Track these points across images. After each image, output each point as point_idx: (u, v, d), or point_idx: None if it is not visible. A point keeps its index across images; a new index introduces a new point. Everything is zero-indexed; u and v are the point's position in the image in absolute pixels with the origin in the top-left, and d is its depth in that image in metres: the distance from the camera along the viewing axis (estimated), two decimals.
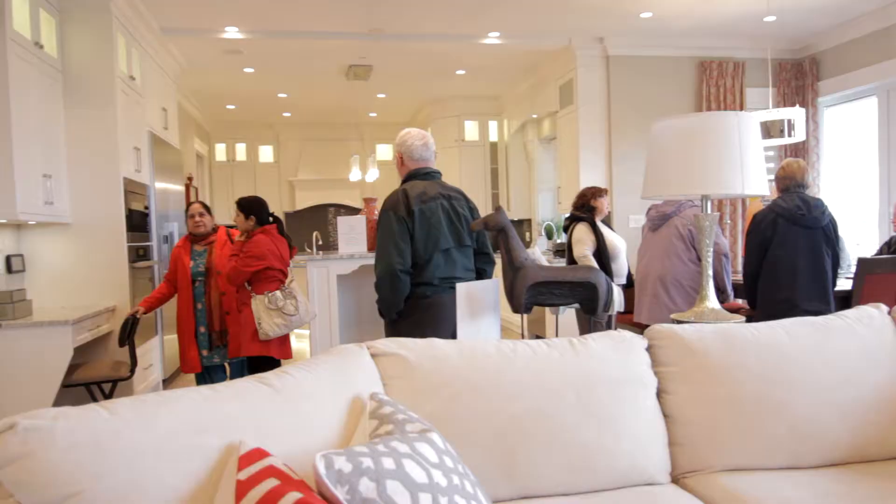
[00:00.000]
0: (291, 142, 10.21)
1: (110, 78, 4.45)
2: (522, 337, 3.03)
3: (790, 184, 3.65)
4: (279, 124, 10.04)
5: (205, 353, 3.98)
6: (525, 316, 3.06)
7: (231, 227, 4.22)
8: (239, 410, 1.26)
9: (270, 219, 3.96)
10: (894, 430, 1.87)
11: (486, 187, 8.76)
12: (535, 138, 8.32)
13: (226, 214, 9.83)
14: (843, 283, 4.10)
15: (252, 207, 3.91)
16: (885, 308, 2.08)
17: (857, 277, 3.87)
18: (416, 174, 2.94)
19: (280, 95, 8.16)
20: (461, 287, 2.81)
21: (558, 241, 7.18)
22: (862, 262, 3.90)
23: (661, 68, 6.26)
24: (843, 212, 5.90)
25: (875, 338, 1.96)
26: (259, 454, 1.12)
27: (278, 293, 3.80)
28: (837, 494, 1.63)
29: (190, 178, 7.55)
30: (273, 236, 3.90)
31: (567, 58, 6.35)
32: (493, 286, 3.04)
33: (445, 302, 2.80)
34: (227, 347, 3.97)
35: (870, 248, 5.56)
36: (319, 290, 4.96)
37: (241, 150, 10.09)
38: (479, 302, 2.90)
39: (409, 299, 2.82)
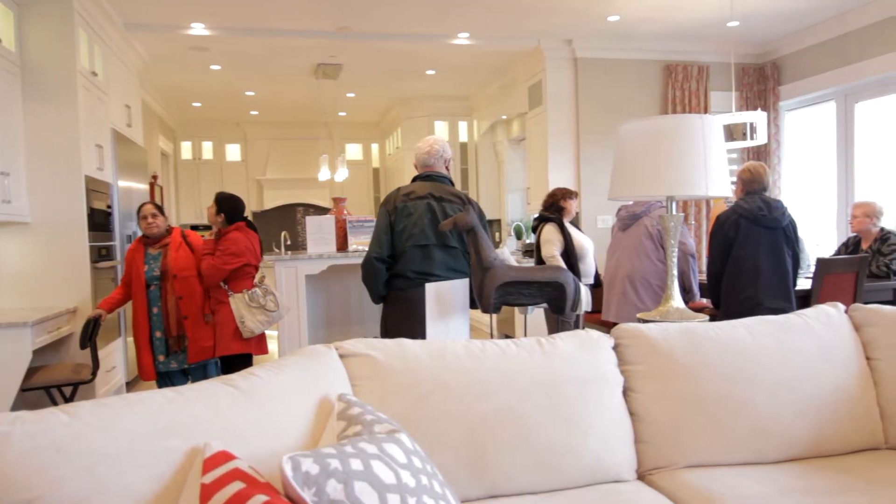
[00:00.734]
0: (259, 140, 10.09)
1: (71, 73, 4.34)
2: (492, 337, 3.04)
3: (757, 186, 3.73)
4: (247, 122, 9.91)
5: (161, 358, 3.89)
6: (494, 316, 3.08)
7: (196, 227, 4.16)
8: (204, 413, 1.24)
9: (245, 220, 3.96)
10: (851, 426, 1.93)
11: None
12: (504, 139, 8.37)
13: (192, 214, 9.69)
14: (803, 283, 4.21)
15: (225, 203, 3.90)
16: (841, 307, 2.14)
17: (816, 277, 3.98)
18: (419, 177, 3.25)
19: (247, 93, 8.05)
20: (430, 287, 2.82)
21: (528, 241, 7.23)
22: (821, 263, 4.01)
23: (628, 71, 6.35)
24: (802, 213, 6.06)
25: (832, 336, 2.02)
26: (224, 457, 1.10)
27: (258, 290, 3.81)
28: (798, 489, 1.67)
29: (154, 177, 7.41)
30: (246, 232, 3.90)
31: (536, 59, 6.40)
32: (463, 286, 3.05)
33: (418, 296, 2.96)
34: (186, 353, 3.90)
35: (828, 249, 5.72)
36: (288, 291, 4.92)
37: (207, 149, 9.94)
38: (449, 302, 2.91)
39: (390, 290, 3.09)
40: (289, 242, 5.86)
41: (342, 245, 5.30)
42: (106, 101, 5.04)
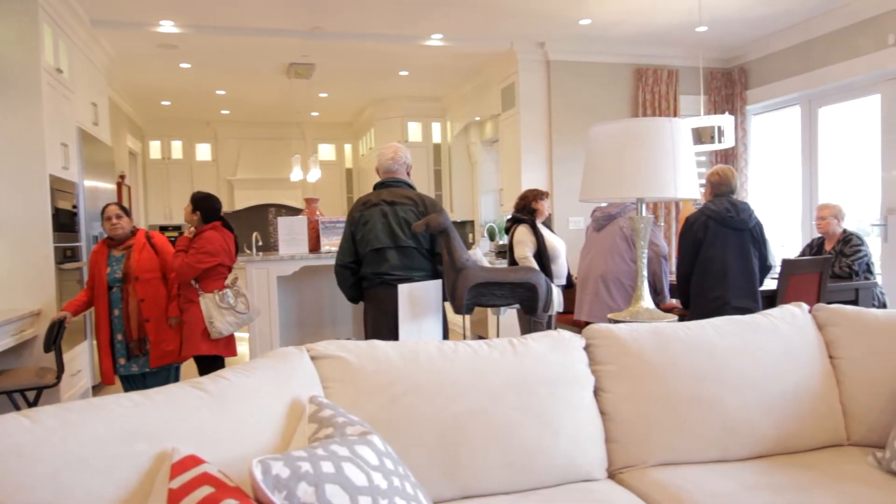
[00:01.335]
0: (230, 140, 9.97)
1: (35, 70, 4.24)
2: (464, 337, 3.05)
3: (725, 189, 3.81)
4: (217, 122, 9.78)
5: (122, 361, 3.82)
6: (467, 316, 3.09)
7: (164, 228, 4.11)
8: (171, 416, 1.23)
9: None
10: (814, 423, 1.98)
11: (429, 189, 8.77)
12: (477, 140, 8.39)
13: (161, 215, 9.53)
14: (769, 283, 4.30)
15: (201, 202, 3.87)
16: (805, 307, 2.19)
17: (782, 278, 4.07)
18: (379, 184, 3.41)
19: (218, 92, 7.95)
20: (403, 288, 2.82)
21: (501, 242, 7.26)
22: (786, 264, 4.10)
23: (599, 74, 6.41)
24: (768, 215, 6.19)
25: (797, 335, 2.06)
26: (193, 461, 1.09)
27: (229, 292, 3.78)
28: (763, 485, 1.70)
29: (122, 177, 7.27)
30: (222, 232, 3.86)
31: (509, 61, 6.43)
32: (435, 287, 3.06)
33: (379, 294, 3.24)
34: (148, 356, 3.83)
35: (793, 250, 5.85)
36: (259, 292, 4.87)
37: (176, 148, 9.78)
38: (421, 303, 2.91)
39: (362, 291, 3.37)
40: (260, 243, 5.80)
41: (314, 246, 5.27)
42: (71, 99, 4.94)
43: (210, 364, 3.77)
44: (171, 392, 1.30)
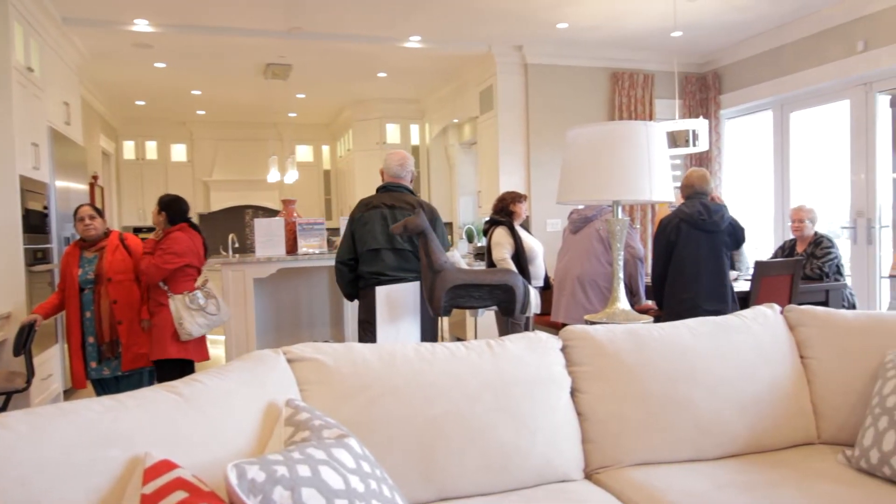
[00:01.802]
0: (206, 141, 9.86)
1: (5, 69, 4.15)
2: (442, 339, 3.05)
3: (690, 192, 3.88)
4: (193, 122, 9.67)
5: (93, 364, 3.75)
6: (445, 318, 3.09)
7: (138, 230, 4.05)
8: (144, 421, 1.21)
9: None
10: (786, 422, 2.01)
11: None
12: (456, 142, 8.41)
13: (135, 216, 9.40)
14: (742, 285, 4.37)
15: (168, 204, 3.82)
16: (777, 308, 2.23)
17: (754, 279, 4.14)
18: (382, 187, 3.59)
19: (194, 92, 7.86)
20: (381, 290, 2.82)
21: (479, 244, 7.28)
22: (758, 265, 4.17)
23: (576, 77, 6.47)
24: (741, 217, 6.27)
25: (769, 336, 2.10)
26: (166, 466, 1.08)
27: (199, 293, 3.73)
28: (736, 484, 1.73)
29: (95, 177, 7.15)
30: (189, 233, 3.81)
31: (487, 64, 6.45)
32: (413, 289, 3.06)
33: (374, 292, 3.35)
34: (121, 359, 3.77)
35: (766, 252, 5.95)
36: (235, 294, 4.82)
37: (151, 149, 9.65)
38: (399, 305, 2.91)
39: (358, 289, 3.50)
40: (236, 245, 5.74)
41: (292, 248, 5.23)
42: (42, 98, 4.84)
43: (174, 369, 3.70)
44: (144, 396, 1.28)
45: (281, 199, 6.19)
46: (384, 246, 3.38)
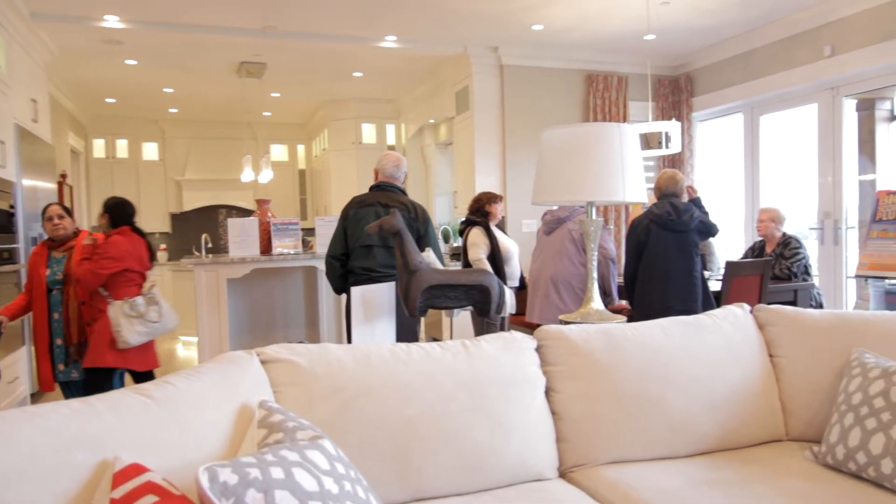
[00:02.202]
0: (178, 139, 9.71)
1: None
2: (418, 339, 3.05)
3: (660, 193, 3.94)
4: (165, 120, 9.53)
5: (61, 367, 3.66)
6: (422, 319, 3.09)
7: (97, 229, 3.95)
8: (114, 424, 1.19)
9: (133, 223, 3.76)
10: (755, 420, 2.05)
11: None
12: (432, 143, 8.40)
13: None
14: (713, 285, 4.44)
15: (112, 207, 3.70)
16: (747, 307, 2.27)
17: (725, 279, 4.20)
18: (376, 186, 3.67)
19: (166, 90, 7.75)
20: (356, 290, 2.80)
21: (455, 244, 7.29)
22: (729, 265, 4.24)
23: (551, 79, 6.51)
24: (712, 218, 6.37)
25: (739, 335, 2.13)
26: (136, 470, 1.06)
27: (140, 299, 3.56)
28: (706, 480, 1.76)
29: (63, 176, 7.01)
30: (130, 237, 3.67)
31: (463, 64, 6.46)
32: (389, 290, 3.05)
33: (381, 285, 3.41)
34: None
35: (737, 253, 6.05)
36: (208, 295, 4.76)
37: (122, 147, 9.48)
38: (374, 305, 2.90)
39: (348, 285, 3.52)
40: (210, 245, 5.68)
41: (266, 248, 5.18)
42: (9, 95, 4.73)
43: (108, 378, 3.57)
44: (113, 399, 1.26)
45: (255, 199, 6.13)
46: (377, 243, 3.47)
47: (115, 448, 1.15)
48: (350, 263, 3.54)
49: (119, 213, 3.71)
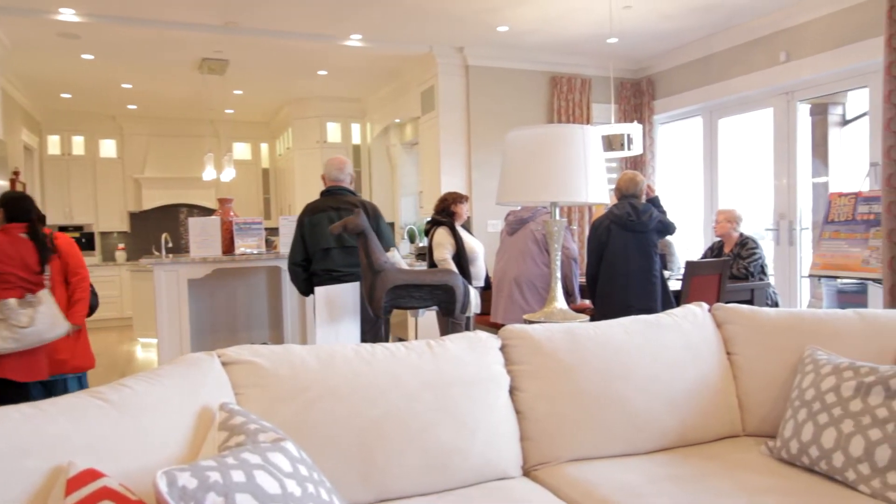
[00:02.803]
0: (137, 136, 9.49)
1: None
2: (386, 339, 3.04)
3: (620, 194, 4.02)
4: (123, 117, 9.30)
5: None
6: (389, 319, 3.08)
7: (64, 228, 3.82)
8: (67, 429, 1.15)
9: (31, 219, 3.53)
10: (713, 416, 2.09)
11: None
12: (397, 142, 8.38)
13: (60, 214, 8.97)
14: (674, 284, 4.53)
15: (6, 202, 3.50)
16: (706, 306, 2.32)
17: (685, 279, 4.29)
18: (325, 191, 3.89)
19: (124, 86, 7.56)
20: (320, 290, 2.78)
21: (420, 244, 7.29)
22: (689, 265, 4.33)
23: (517, 80, 6.55)
24: (671, 218, 6.50)
25: (698, 333, 2.18)
26: (91, 475, 1.03)
27: (12, 301, 3.32)
28: (666, 476, 1.79)
29: (16, 173, 6.78)
30: (13, 237, 3.45)
31: (428, 64, 6.46)
32: (353, 290, 3.04)
33: (345, 285, 3.58)
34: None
35: (696, 253, 6.18)
36: (168, 296, 4.67)
37: (78, 144, 9.22)
38: (338, 305, 2.88)
39: (314, 286, 3.67)
40: (170, 245, 5.56)
41: (228, 248, 5.10)
42: None
43: (13, 391, 3.35)
44: (66, 403, 1.22)
45: (217, 198, 6.03)
46: (333, 245, 3.67)
47: (68, 453, 1.11)
48: (312, 267, 3.71)
49: (14, 208, 3.49)
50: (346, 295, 3.06)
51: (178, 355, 4.27)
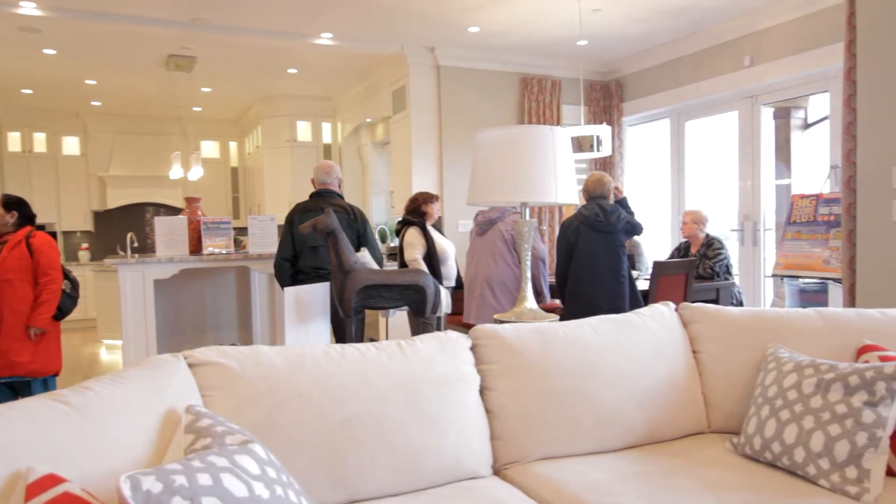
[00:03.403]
0: (102, 134, 9.28)
1: None
2: (354, 340, 3.03)
3: (588, 195, 4.07)
4: (87, 113, 9.08)
5: None
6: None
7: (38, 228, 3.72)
8: (27, 433, 1.12)
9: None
10: (680, 413, 2.13)
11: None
12: (368, 142, 8.35)
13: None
14: (642, 284, 4.59)
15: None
16: (672, 305, 2.36)
17: (653, 279, 4.36)
18: (315, 193, 4.11)
19: (88, 82, 7.39)
20: (289, 291, 2.75)
21: (392, 244, 7.27)
22: (656, 265, 4.40)
23: (487, 81, 6.57)
24: (639, 218, 6.60)
25: (665, 332, 2.21)
26: (52, 480, 1.01)
27: None
28: (634, 473, 1.81)
29: None
30: None
31: (400, 64, 6.45)
32: (323, 291, 3.01)
33: (315, 285, 3.69)
34: None
35: (664, 253, 6.28)
36: (133, 297, 4.58)
37: (40, 141, 8.98)
38: (308, 306, 2.86)
39: (296, 282, 3.82)
40: (136, 245, 5.45)
41: (196, 248, 5.02)
42: None
43: None
44: (27, 406, 1.19)
45: (184, 197, 5.93)
46: (322, 244, 3.84)
47: (29, 458, 1.09)
48: (299, 263, 3.92)
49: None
50: (316, 295, 3.04)
51: (144, 357, 4.20)
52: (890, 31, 3.02)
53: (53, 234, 8.96)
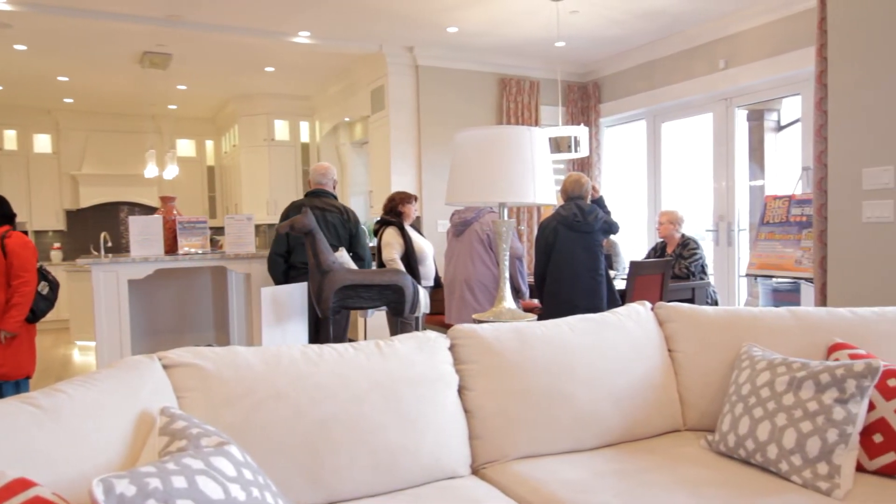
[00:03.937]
0: (74, 131, 9.11)
1: None
2: (341, 340, 3.01)
3: (566, 196, 4.10)
4: (59, 111, 8.92)
5: None
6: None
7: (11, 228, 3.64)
8: None
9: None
10: (656, 412, 2.15)
11: (297, 188, 8.56)
12: (347, 141, 8.31)
13: None
14: (619, 283, 4.64)
15: None
16: (648, 305, 2.38)
17: (629, 278, 4.40)
18: (311, 192, 4.24)
19: (60, 79, 7.25)
20: (266, 291, 2.73)
21: (370, 244, 7.24)
22: (633, 265, 4.44)
23: (466, 81, 6.58)
24: (615, 218, 6.65)
25: (641, 332, 2.24)
26: (22, 485, 0.99)
27: None
28: (611, 471, 1.83)
29: None
30: None
31: (378, 64, 6.43)
32: (301, 291, 3.00)
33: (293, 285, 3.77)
34: None
35: (640, 253, 6.34)
36: (107, 297, 4.50)
37: (10, 138, 8.80)
38: (285, 306, 2.84)
39: (289, 278, 4.00)
40: (109, 244, 5.37)
41: (171, 247, 4.96)
42: None
43: None
44: None
45: (159, 196, 5.85)
46: None
47: None
48: (292, 259, 4.04)
49: None
50: (294, 295, 3.02)
51: (118, 359, 4.13)
52: (860, 36, 3.08)
53: (25, 234, 8.78)
